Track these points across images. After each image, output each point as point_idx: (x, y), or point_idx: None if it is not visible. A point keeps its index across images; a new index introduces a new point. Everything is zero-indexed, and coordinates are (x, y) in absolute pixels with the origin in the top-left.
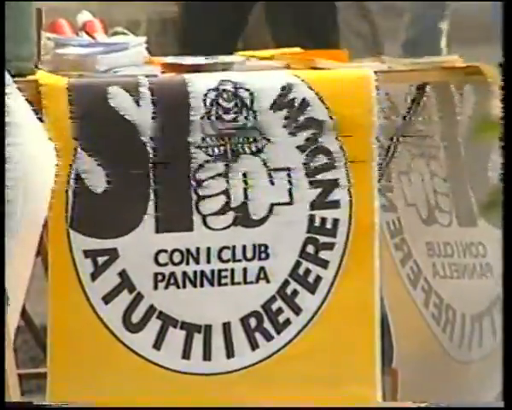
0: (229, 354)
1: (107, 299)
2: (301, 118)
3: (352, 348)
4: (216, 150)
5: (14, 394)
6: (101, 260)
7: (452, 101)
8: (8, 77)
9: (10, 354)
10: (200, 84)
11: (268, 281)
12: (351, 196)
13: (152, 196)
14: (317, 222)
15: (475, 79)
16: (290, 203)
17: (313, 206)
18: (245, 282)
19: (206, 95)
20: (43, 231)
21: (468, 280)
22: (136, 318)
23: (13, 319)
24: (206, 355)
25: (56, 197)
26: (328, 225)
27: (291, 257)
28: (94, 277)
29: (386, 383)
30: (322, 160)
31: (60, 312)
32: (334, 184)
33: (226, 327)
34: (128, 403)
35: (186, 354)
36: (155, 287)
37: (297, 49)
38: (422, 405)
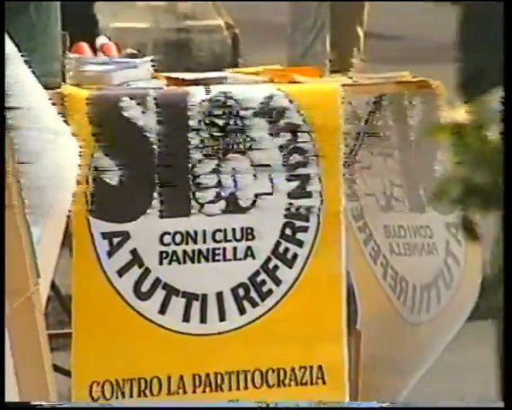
0: (222, 318)
1: (121, 272)
2: (281, 123)
3: (322, 313)
4: (210, 150)
5: (44, 350)
6: (115, 240)
7: (405, 109)
8: (39, 88)
9: (41, 318)
10: (197, 95)
11: (254, 258)
12: (321, 188)
13: (157, 188)
14: (294, 209)
15: (424, 91)
16: (271, 194)
17: (290, 196)
18: (235, 258)
19: (201, 104)
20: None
21: (418, 257)
22: (144, 288)
23: (44, 290)
24: (203, 319)
25: (78, 189)
26: (303, 212)
27: (272, 238)
28: (110, 254)
29: (352, 342)
30: (297, 158)
31: (82, 283)
32: (308, 177)
33: (219, 296)
34: (137, 360)
35: (186, 318)
36: (160, 263)
37: (278, 66)
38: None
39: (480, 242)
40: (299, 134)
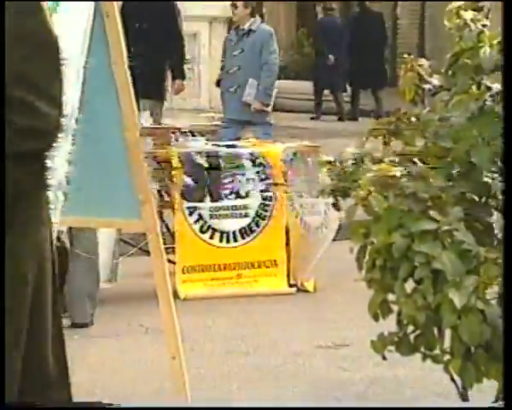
0: (235, 240)
1: (195, 222)
2: (257, 163)
3: (276, 239)
4: (226, 173)
5: (163, 259)
6: (192, 210)
7: (305, 158)
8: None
9: (161, 241)
10: (224, 150)
11: (248, 217)
12: (275, 189)
13: (207, 188)
14: (264, 196)
15: (314, 149)
16: (255, 190)
17: (262, 192)
18: (240, 217)
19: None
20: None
21: (314, 216)
22: (204, 229)
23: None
24: (228, 241)
25: (177, 188)
26: (268, 198)
27: (256, 208)
28: (190, 215)
29: (287, 249)
30: (265, 176)
31: (179, 227)
32: (269, 184)
33: (234, 232)
34: (201, 257)
35: (221, 240)
36: (211, 218)
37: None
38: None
39: (339, 210)
40: (266, 167)
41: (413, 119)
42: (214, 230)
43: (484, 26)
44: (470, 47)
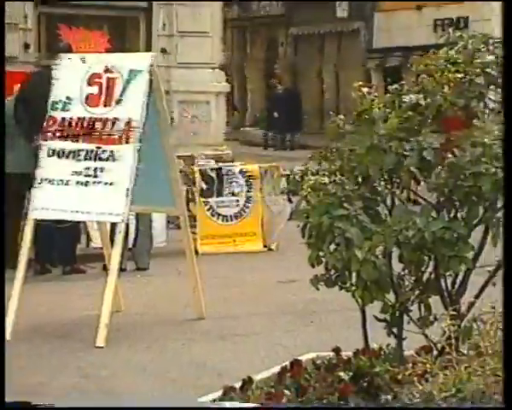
0: (231, 220)
1: (207, 209)
2: (244, 175)
3: (255, 222)
4: (229, 180)
5: (189, 232)
6: (206, 202)
7: (273, 175)
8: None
9: (187, 219)
10: (225, 168)
11: (238, 206)
12: (255, 188)
13: (215, 191)
14: (248, 195)
15: (276, 167)
16: (242, 191)
17: (247, 192)
18: (234, 207)
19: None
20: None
21: (277, 206)
22: (213, 214)
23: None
24: (227, 220)
25: (197, 190)
26: (251, 191)
27: (243, 201)
28: (205, 205)
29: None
30: (249, 183)
31: (199, 211)
32: (251, 185)
33: (231, 215)
34: (212, 229)
35: (222, 220)
36: (217, 207)
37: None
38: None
39: (292, 202)
40: (248, 178)
41: (334, 150)
42: (219, 214)
43: (375, 96)
44: (367, 108)
